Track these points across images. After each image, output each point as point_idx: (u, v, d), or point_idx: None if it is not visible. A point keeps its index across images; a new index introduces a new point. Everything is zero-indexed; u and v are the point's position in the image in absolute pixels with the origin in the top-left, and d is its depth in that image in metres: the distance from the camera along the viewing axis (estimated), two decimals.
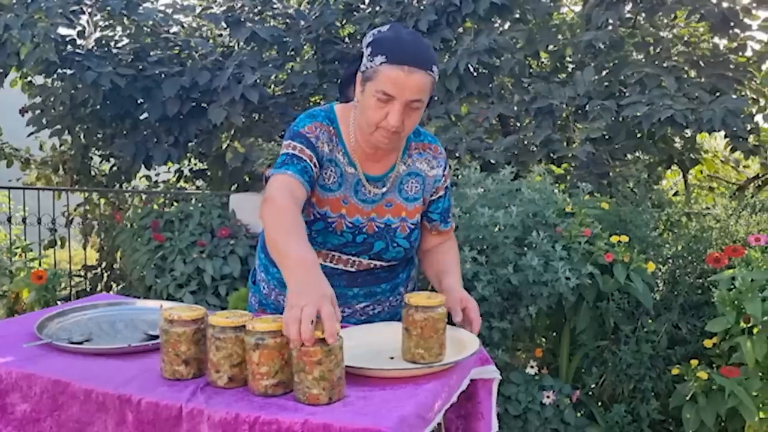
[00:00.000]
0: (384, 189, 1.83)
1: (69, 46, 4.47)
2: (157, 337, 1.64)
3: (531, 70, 4.83)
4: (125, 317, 1.83)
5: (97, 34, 4.71)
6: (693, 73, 4.33)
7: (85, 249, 5.47)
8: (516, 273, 2.84)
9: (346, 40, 5.20)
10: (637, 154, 4.37)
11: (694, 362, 2.92)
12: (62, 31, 4.25)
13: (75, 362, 1.50)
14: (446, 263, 1.88)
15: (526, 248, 2.93)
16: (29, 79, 5.39)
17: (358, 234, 1.81)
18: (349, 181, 1.81)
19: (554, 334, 3.42)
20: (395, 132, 1.70)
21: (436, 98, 4.42)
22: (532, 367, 3.02)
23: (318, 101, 5.29)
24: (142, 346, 1.58)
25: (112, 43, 4.96)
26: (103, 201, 5.73)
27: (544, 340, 3.44)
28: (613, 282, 2.91)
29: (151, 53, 4.81)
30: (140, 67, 4.63)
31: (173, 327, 1.42)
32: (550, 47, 4.70)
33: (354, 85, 1.78)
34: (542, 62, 5.11)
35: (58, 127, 5.16)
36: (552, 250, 2.85)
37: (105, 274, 5.51)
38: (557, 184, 3.66)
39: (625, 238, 2.97)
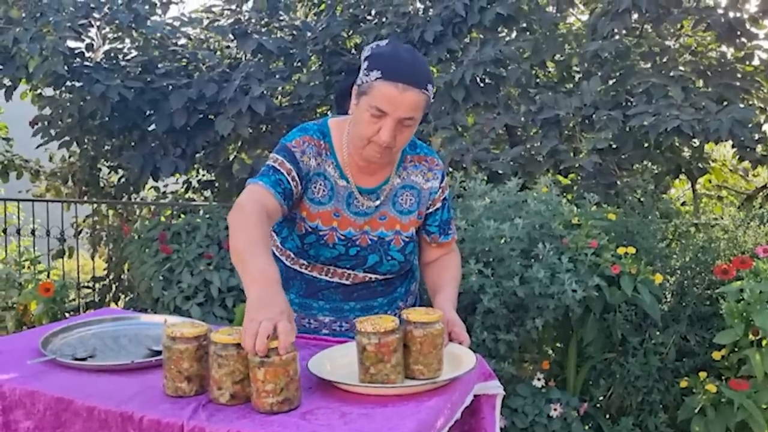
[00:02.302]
0: (378, 202, 1.83)
1: (77, 59, 4.51)
2: (160, 352, 1.64)
3: (537, 80, 4.82)
4: (129, 332, 1.84)
5: (106, 47, 4.75)
6: (700, 83, 4.31)
7: (94, 260, 5.49)
8: (522, 285, 2.83)
9: (353, 51, 5.22)
10: (644, 163, 4.36)
11: (702, 375, 2.90)
12: (71, 44, 4.29)
13: (78, 379, 1.50)
14: (442, 279, 1.86)
15: (532, 260, 2.92)
16: (39, 91, 5.44)
17: (351, 246, 1.81)
18: (340, 194, 1.81)
19: (561, 346, 3.40)
20: (387, 147, 1.71)
21: (442, 108, 4.43)
22: (539, 379, 3.00)
23: (324, 112, 5.30)
24: (145, 362, 1.58)
25: (120, 56, 5.00)
26: (111, 212, 5.76)
27: (550, 352, 3.42)
28: (620, 294, 2.90)
29: (159, 65, 4.84)
30: (148, 79, 4.66)
31: (176, 344, 1.42)
32: (557, 57, 4.69)
33: (348, 98, 1.79)
34: (548, 72, 5.11)
35: (67, 138, 5.20)
36: (558, 262, 2.83)
37: (113, 286, 5.53)
38: (564, 195, 3.65)
39: (632, 250, 2.96)
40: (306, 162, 1.78)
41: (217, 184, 5.83)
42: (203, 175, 6.02)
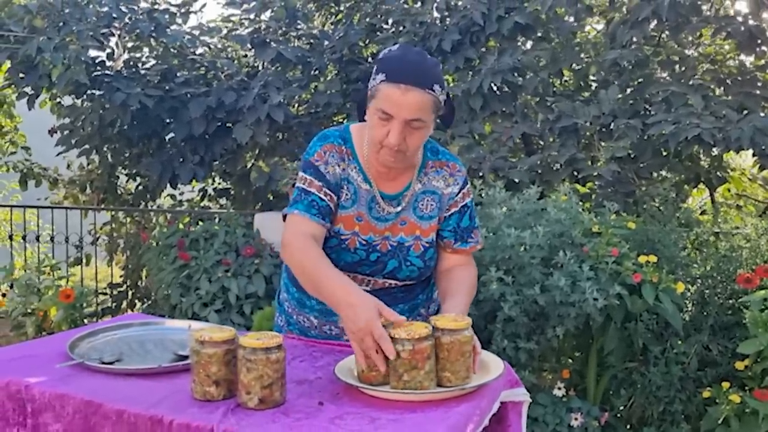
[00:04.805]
0: (399, 208, 1.83)
1: (98, 68, 4.55)
2: (186, 357, 1.64)
3: (554, 89, 4.82)
4: (155, 337, 1.84)
5: (125, 56, 4.80)
6: (719, 92, 4.29)
7: (111, 268, 5.53)
8: (543, 293, 2.82)
9: (369, 60, 5.24)
10: (663, 172, 4.33)
11: (725, 385, 2.87)
12: (92, 53, 4.33)
13: (106, 382, 1.51)
14: (452, 287, 1.80)
15: (552, 268, 2.90)
16: (58, 100, 5.50)
17: (371, 252, 1.81)
18: (363, 197, 1.81)
19: (580, 354, 3.38)
20: (399, 151, 1.70)
21: (460, 117, 4.43)
22: (559, 388, 2.98)
23: (341, 121, 5.32)
24: (172, 366, 1.58)
25: (139, 65, 5.05)
26: (128, 220, 5.80)
27: (570, 361, 3.40)
28: (642, 302, 2.88)
29: (178, 74, 4.88)
30: (167, 87, 4.70)
31: (204, 348, 1.42)
32: (574, 66, 4.68)
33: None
34: (565, 81, 5.10)
35: (86, 146, 5.25)
36: (579, 270, 2.82)
37: (130, 292, 5.56)
38: (582, 204, 3.63)
39: (653, 258, 2.94)
40: (332, 172, 1.79)
41: (233, 192, 5.86)
42: (219, 183, 6.06)
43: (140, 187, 5.77)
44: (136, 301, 5.61)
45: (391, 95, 1.65)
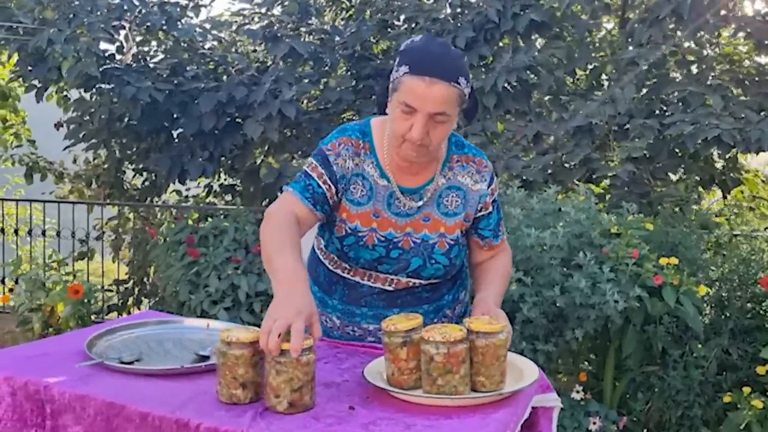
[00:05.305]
0: (420, 202, 1.77)
1: (107, 61, 4.50)
2: (206, 357, 1.60)
3: (568, 88, 4.76)
4: (173, 336, 1.79)
5: (134, 50, 4.75)
6: (738, 92, 4.24)
7: (118, 263, 5.48)
8: (562, 295, 2.77)
9: (380, 57, 5.19)
10: (678, 173, 4.28)
11: (746, 390, 2.82)
12: (102, 46, 4.28)
13: (127, 383, 1.46)
14: (486, 278, 1.82)
15: (571, 269, 2.85)
16: (65, 93, 5.44)
17: (392, 249, 1.76)
18: (380, 194, 1.76)
19: (596, 357, 3.33)
20: (421, 145, 1.65)
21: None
22: (577, 392, 2.93)
23: (351, 117, 5.27)
24: (194, 367, 1.53)
25: (148, 58, 4.99)
26: (133, 215, 5.74)
27: (586, 363, 3.35)
28: (662, 305, 2.83)
29: (187, 68, 4.82)
30: (176, 82, 4.64)
31: (231, 349, 1.37)
32: (590, 65, 4.63)
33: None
34: (578, 79, 5.05)
35: (94, 141, 5.19)
36: (599, 272, 2.77)
37: (136, 289, 5.51)
38: (597, 204, 3.58)
39: (674, 260, 2.89)
40: (342, 165, 1.75)
41: (240, 188, 5.80)
42: (225, 179, 5.99)
43: (147, 183, 5.71)
44: (143, 297, 5.56)
45: (415, 88, 1.59)
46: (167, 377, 1.50)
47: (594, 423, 2.85)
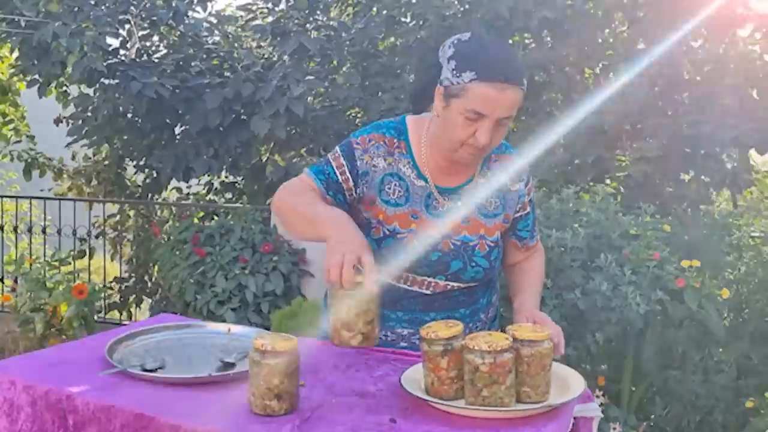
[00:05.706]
0: (459, 203, 1.73)
1: (111, 56, 4.42)
2: (232, 364, 1.53)
3: (581, 86, 4.70)
4: (195, 341, 1.72)
5: (138, 45, 4.66)
6: (754, 93, 4.18)
7: (120, 262, 5.41)
8: (583, 297, 2.71)
9: (386, 53, 5.11)
10: (691, 174, 4.23)
11: None
12: (107, 40, 4.19)
13: (153, 393, 1.38)
14: (524, 280, 1.82)
15: (591, 272, 2.80)
16: (64, 89, 5.35)
17: (431, 251, 1.70)
18: (418, 194, 1.71)
19: (613, 361, 3.27)
20: (482, 149, 1.61)
21: None
22: (597, 396, 2.87)
23: (358, 114, 5.20)
24: (223, 376, 1.46)
25: (151, 53, 4.91)
26: (133, 212, 5.66)
27: (604, 367, 3.29)
28: (684, 308, 2.77)
29: (192, 64, 4.75)
30: (181, 77, 4.56)
31: (265, 358, 1.30)
32: (601, 63, 4.57)
33: (426, 97, 1.69)
34: (588, 78, 4.99)
35: (95, 137, 5.11)
36: (620, 274, 2.72)
37: (136, 287, 5.43)
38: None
39: (696, 263, 2.83)
40: (367, 161, 1.70)
41: (240, 186, 5.73)
42: (226, 177, 5.92)
43: (148, 180, 5.63)
44: (143, 296, 5.49)
45: (487, 94, 1.54)
46: (194, 386, 1.43)
47: (614, 428, 2.79)
